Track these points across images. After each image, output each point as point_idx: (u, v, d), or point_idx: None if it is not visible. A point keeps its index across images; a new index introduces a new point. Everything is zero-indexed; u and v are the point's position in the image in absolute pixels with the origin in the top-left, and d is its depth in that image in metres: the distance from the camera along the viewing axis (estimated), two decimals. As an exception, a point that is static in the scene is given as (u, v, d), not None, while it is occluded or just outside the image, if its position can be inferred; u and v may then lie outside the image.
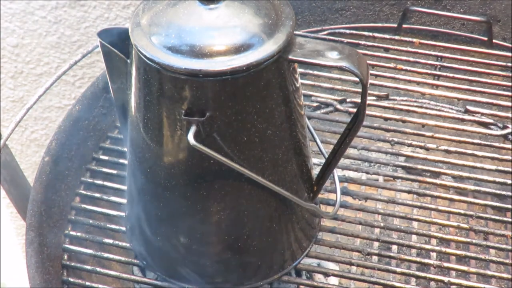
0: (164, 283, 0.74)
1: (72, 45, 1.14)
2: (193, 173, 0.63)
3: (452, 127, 0.91)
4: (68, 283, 0.77)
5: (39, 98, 0.85)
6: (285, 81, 0.60)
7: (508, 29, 1.06)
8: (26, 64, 1.16)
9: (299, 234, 0.74)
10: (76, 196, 0.84)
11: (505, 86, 0.97)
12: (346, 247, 0.79)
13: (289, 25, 0.59)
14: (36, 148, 1.28)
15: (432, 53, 1.03)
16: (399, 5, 1.08)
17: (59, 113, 1.23)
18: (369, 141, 0.92)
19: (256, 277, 0.72)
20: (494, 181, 0.85)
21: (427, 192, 0.84)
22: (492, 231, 0.80)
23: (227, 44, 0.56)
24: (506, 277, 0.76)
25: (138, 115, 0.62)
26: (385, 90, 0.99)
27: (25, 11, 1.09)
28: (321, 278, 0.87)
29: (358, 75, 0.58)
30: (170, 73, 0.56)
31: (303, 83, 0.97)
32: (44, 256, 0.76)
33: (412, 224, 0.87)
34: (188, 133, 0.57)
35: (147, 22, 0.59)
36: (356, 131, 0.64)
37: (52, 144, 0.84)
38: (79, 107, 0.88)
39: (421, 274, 0.77)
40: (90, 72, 1.17)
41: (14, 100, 1.22)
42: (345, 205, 0.82)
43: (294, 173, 0.67)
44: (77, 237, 0.80)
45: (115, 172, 0.86)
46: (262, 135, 0.61)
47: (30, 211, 0.79)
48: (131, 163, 0.68)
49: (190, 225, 0.67)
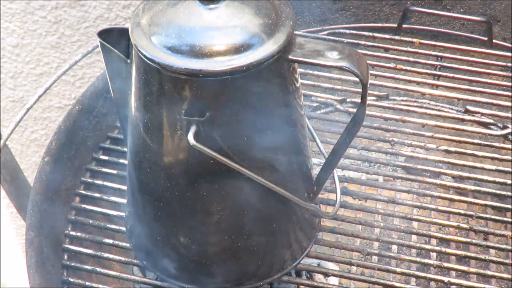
0: (164, 283, 0.74)
1: (72, 45, 1.14)
2: (193, 173, 0.63)
3: (452, 127, 0.91)
4: (68, 283, 0.77)
5: (39, 98, 0.85)
6: (285, 81, 0.60)
7: (508, 29, 1.05)
8: (26, 64, 1.16)
9: (299, 234, 0.74)
10: (76, 196, 0.84)
11: (505, 86, 0.97)
12: (346, 247, 0.79)
13: (289, 25, 0.59)
14: (36, 148, 1.28)
15: (432, 53, 1.03)
16: (399, 5, 1.08)
17: (59, 113, 1.23)
18: (369, 141, 0.92)
19: (256, 277, 0.72)
20: (494, 181, 0.85)
21: (427, 192, 0.84)
22: (492, 231, 0.80)
23: (227, 44, 0.56)
24: (506, 277, 0.76)
25: (138, 115, 0.62)
26: (385, 90, 0.99)
27: (25, 11, 1.09)
28: (321, 278, 0.87)
29: (358, 75, 0.58)
30: (170, 73, 0.56)
31: (303, 83, 0.97)
32: (44, 256, 0.76)
33: (412, 224, 0.87)
34: (188, 133, 0.57)
35: (147, 22, 0.59)
36: (356, 131, 0.64)
37: (52, 144, 0.84)
38: (79, 107, 0.88)
39: (421, 274, 0.77)
40: (90, 72, 1.17)
41: (14, 100, 1.22)
42: (345, 205, 0.82)
43: (294, 173, 0.67)
44: (77, 237, 0.80)
45: (115, 172, 0.86)
46: (262, 135, 0.61)
47: (30, 211, 0.79)
48: (131, 163, 0.68)
49: (190, 225, 0.67)
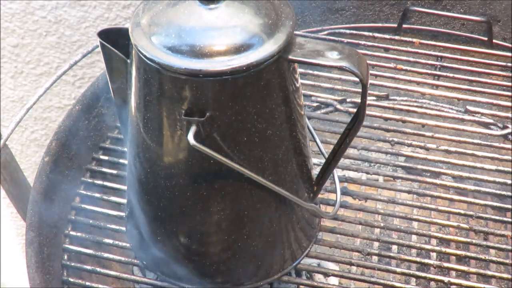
0: (164, 283, 0.74)
1: (72, 45, 1.14)
2: (193, 173, 0.63)
3: (452, 127, 0.91)
4: (68, 283, 0.77)
5: (39, 98, 0.85)
6: (285, 81, 0.60)
7: (508, 29, 1.05)
8: (26, 64, 1.16)
9: (299, 234, 0.74)
10: (76, 196, 0.84)
11: (505, 86, 0.97)
12: (346, 247, 0.79)
13: (289, 25, 0.59)
14: (36, 148, 1.28)
15: (432, 53, 1.03)
16: (399, 5, 1.08)
17: (59, 113, 1.23)
18: (369, 141, 0.92)
19: (256, 277, 0.72)
20: (494, 181, 0.85)
21: (427, 192, 0.84)
22: (492, 231, 0.80)
23: (227, 44, 0.56)
24: (506, 277, 0.76)
25: (138, 115, 0.62)
26: (385, 90, 0.99)
27: (25, 11, 1.09)
28: (321, 278, 0.87)
29: (358, 75, 0.58)
30: (170, 73, 0.56)
31: (303, 83, 0.97)
32: (44, 256, 0.76)
33: (412, 224, 0.87)
34: (188, 133, 0.57)
35: (147, 22, 0.59)
36: (356, 131, 0.64)
37: (52, 144, 0.84)
38: (79, 107, 0.88)
39: (421, 274, 0.77)
40: (90, 72, 1.17)
41: (14, 100, 1.22)
42: (345, 205, 0.82)
43: (294, 173, 0.67)
44: (77, 237, 0.80)
45: (115, 172, 0.86)
46: (262, 135, 0.61)
47: (30, 211, 0.79)
48: (131, 163, 0.68)
49: (190, 225, 0.67)
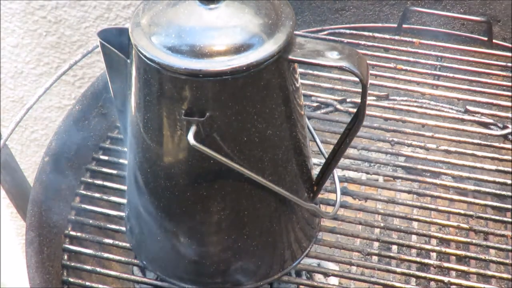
0: (164, 283, 0.74)
1: (72, 45, 1.14)
2: (193, 173, 0.63)
3: (452, 127, 0.91)
4: (68, 283, 0.77)
5: (39, 98, 0.85)
6: (285, 81, 0.60)
7: (508, 29, 1.05)
8: (26, 64, 1.16)
9: (299, 234, 0.74)
10: (76, 196, 0.84)
11: (505, 86, 0.97)
12: (346, 247, 0.79)
13: (289, 25, 0.59)
14: (36, 148, 1.28)
15: (432, 53, 1.03)
16: (399, 5, 1.08)
17: (59, 113, 1.23)
18: (369, 141, 0.92)
19: (256, 277, 0.72)
20: (494, 181, 0.85)
21: (427, 192, 0.84)
22: (492, 231, 0.80)
23: (227, 44, 0.56)
24: (506, 277, 0.76)
25: (138, 115, 0.62)
26: (385, 90, 0.99)
27: (25, 11, 1.09)
28: (321, 278, 0.87)
29: (358, 75, 0.58)
30: (170, 73, 0.56)
31: (303, 83, 0.97)
32: (44, 256, 0.76)
33: (412, 224, 0.87)
34: (188, 133, 0.57)
35: (147, 22, 0.59)
36: (356, 131, 0.64)
37: (52, 144, 0.84)
38: (79, 107, 0.88)
39: (421, 274, 0.77)
40: (90, 72, 1.17)
41: (14, 100, 1.22)
42: (345, 205, 0.82)
43: (294, 173, 0.67)
44: (77, 237, 0.80)
45: (115, 172, 0.86)
46: (262, 135, 0.61)
47: (30, 211, 0.79)
48: (131, 163, 0.68)
49: (190, 225, 0.67)
